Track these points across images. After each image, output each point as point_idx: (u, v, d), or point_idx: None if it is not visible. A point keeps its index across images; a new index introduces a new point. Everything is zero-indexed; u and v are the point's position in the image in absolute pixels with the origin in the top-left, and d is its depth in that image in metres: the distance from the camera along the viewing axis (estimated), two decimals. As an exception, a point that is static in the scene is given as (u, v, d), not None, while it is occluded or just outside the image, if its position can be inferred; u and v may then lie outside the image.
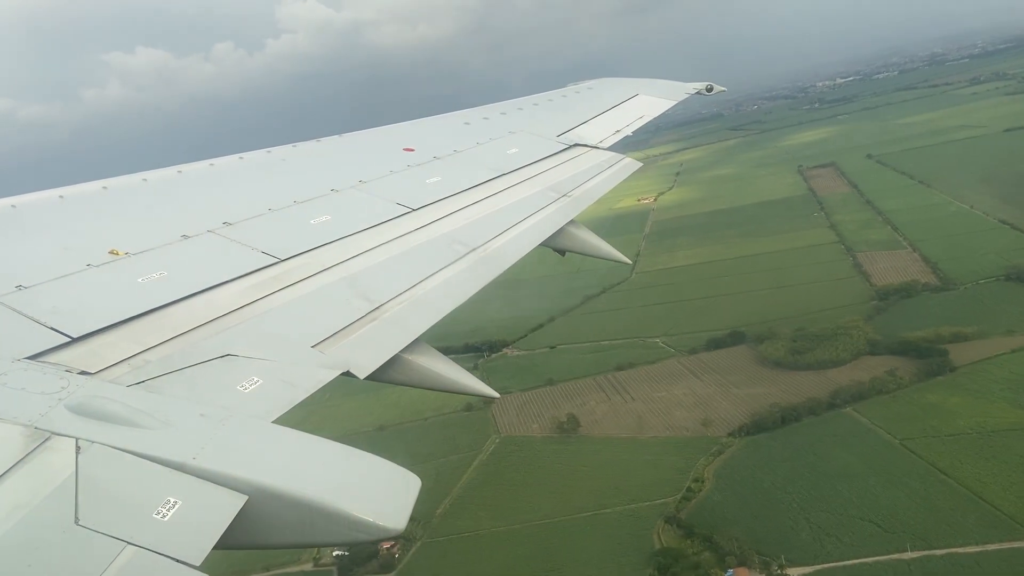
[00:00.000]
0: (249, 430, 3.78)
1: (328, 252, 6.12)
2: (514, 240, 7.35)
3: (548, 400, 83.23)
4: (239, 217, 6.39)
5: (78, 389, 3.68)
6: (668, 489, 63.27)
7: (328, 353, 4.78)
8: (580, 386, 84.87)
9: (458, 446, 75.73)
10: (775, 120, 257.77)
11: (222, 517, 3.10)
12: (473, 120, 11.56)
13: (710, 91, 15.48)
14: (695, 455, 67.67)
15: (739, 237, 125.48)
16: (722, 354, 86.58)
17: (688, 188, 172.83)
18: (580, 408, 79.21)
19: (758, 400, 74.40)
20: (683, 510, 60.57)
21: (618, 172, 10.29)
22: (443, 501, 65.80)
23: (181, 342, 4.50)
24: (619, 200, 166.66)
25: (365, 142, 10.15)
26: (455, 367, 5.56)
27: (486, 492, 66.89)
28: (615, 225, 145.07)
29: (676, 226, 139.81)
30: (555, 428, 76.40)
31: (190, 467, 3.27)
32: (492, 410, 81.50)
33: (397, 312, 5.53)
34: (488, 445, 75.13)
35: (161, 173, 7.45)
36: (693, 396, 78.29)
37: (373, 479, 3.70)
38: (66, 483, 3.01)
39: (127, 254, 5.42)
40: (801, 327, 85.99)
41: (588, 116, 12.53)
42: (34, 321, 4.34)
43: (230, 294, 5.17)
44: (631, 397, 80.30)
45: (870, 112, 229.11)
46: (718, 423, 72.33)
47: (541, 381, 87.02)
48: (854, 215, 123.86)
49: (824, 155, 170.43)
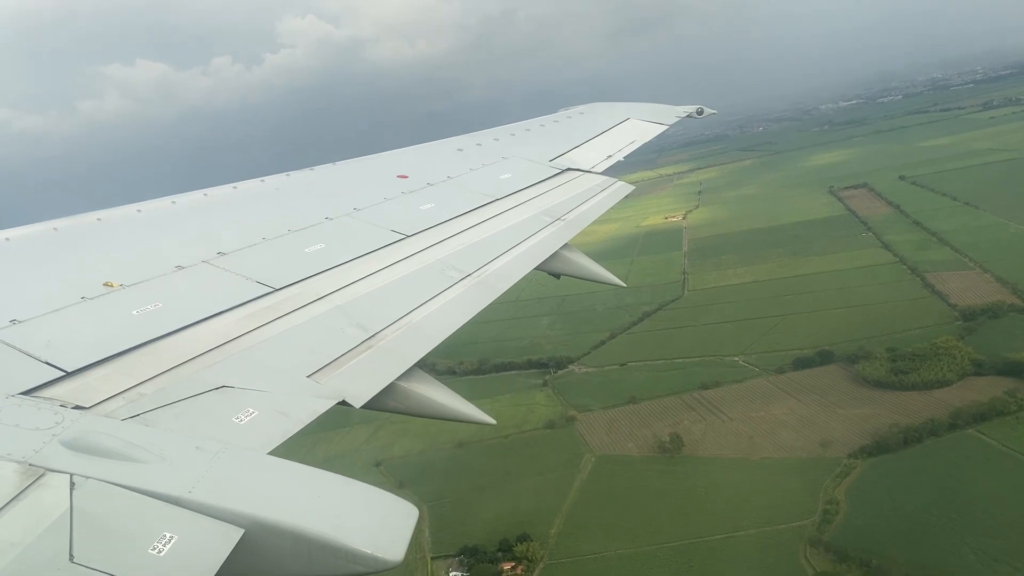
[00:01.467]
0: (245, 462, 3.76)
1: (322, 281, 6.13)
2: (508, 265, 7.37)
3: (636, 419, 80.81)
4: (233, 247, 6.40)
5: (72, 424, 3.66)
6: (800, 511, 60.61)
7: (323, 383, 4.77)
8: (666, 405, 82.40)
9: (550, 464, 73.37)
10: (786, 142, 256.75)
11: (219, 551, 3.08)
12: (466, 146, 11.64)
13: (700, 114, 15.61)
14: (817, 476, 64.93)
15: (786, 256, 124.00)
16: (813, 374, 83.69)
17: (715, 207, 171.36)
18: (674, 427, 76.71)
19: (869, 421, 71.85)
20: (826, 532, 57.87)
21: (611, 196, 10.35)
22: (554, 521, 63.75)
23: (176, 374, 4.49)
24: (646, 218, 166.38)
25: (359, 170, 10.20)
26: (451, 394, 5.54)
27: (599, 513, 64.36)
28: (649, 243, 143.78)
29: (715, 244, 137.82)
30: (655, 448, 73.95)
31: (186, 501, 3.25)
32: (577, 428, 79.82)
33: (392, 340, 5.52)
34: (584, 464, 72.78)
35: (155, 204, 7.47)
36: (796, 416, 75.71)
37: (370, 510, 3.68)
38: (61, 520, 2.99)
39: (121, 286, 5.42)
40: (892, 347, 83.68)
41: (580, 141, 12.62)
42: (28, 355, 4.33)
43: (225, 325, 5.17)
44: (727, 417, 77.73)
45: (885, 135, 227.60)
46: (835, 444, 69.55)
47: (622, 399, 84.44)
48: (906, 236, 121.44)
49: (850, 176, 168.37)
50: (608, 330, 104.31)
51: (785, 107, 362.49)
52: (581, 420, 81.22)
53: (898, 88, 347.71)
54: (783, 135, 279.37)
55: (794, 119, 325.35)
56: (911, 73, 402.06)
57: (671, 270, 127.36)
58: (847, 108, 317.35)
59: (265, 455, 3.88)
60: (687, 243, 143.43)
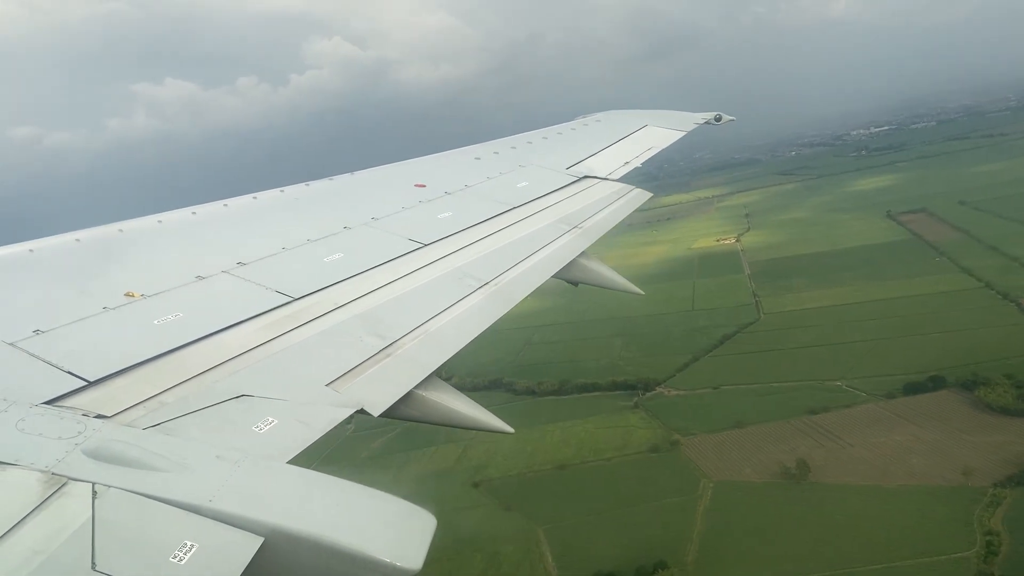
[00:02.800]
0: (265, 471, 3.79)
1: (341, 290, 6.16)
2: (526, 273, 7.36)
3: (746, 444, 78.14)
4: (253, 257, 6.45)
5: (95, 433, 3.70)
6: (957, 542, 58.11)
7: (342, 391, 4.79)
8: (775, 430, 79.57)
9: (665, 489, 71.06)
10: (824, 166, 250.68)
11: (239, 560, 3.09)
12: (483, 155, 11.65)
13: (718, 120, 15.53)
14: (965, 506, 62.34)
15: (860, 280, 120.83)
16: (928, 399, 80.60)
17: (767, 231, 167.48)
18: (791, 453, 73.92)
19: (1006, 448, 69.00)
20: (993, 565, 55.52)
21: (628, 203, 10.32)
22: (686, 548, 61.71)
23: (197, 383, 4.52)
24: (695, 240, 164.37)
25: (377, 179, 10.24)
26: (470, 403, 5.54)
27: (734, 540, 62.02)
28: (707, 265, 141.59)
29: (779, 268, 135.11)
30: (777, 474, 71.02)
31: (206, 509, 3.28)
32: (684, 452, 77.50)
33: (410, 348, 5.54)
34: (703, 490, 70.53)
35: (176, 215, 7.54)
36: (923, 443, 72.67)
37: (389, 519, 3.68)
38: (83, 528, 3.02)
39: (143, 296, 5.48)
40: (1009, 373, 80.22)
41: (597, 148, 12.60)
42: (51, 365, 4.38)
43: (245, 334, 5.20)
44: (846, 443, 74.98)
45: (930, 160, 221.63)
46: (977, 472, 66.39)
47: (726, 424, 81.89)
48: (984, 261, 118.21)
49: (903, 201, 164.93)
50: (689, 352, 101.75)
51: (813, 133, 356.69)
52: (686, 444, 79.01)
53: (929, 115, 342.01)
54: (818, 160, 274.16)
55: (825, 144, 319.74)
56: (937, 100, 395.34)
57: (739, 293, 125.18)
58: (879, 134, 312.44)
59: (285, 464, 3.90)
60: (748, 266, 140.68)
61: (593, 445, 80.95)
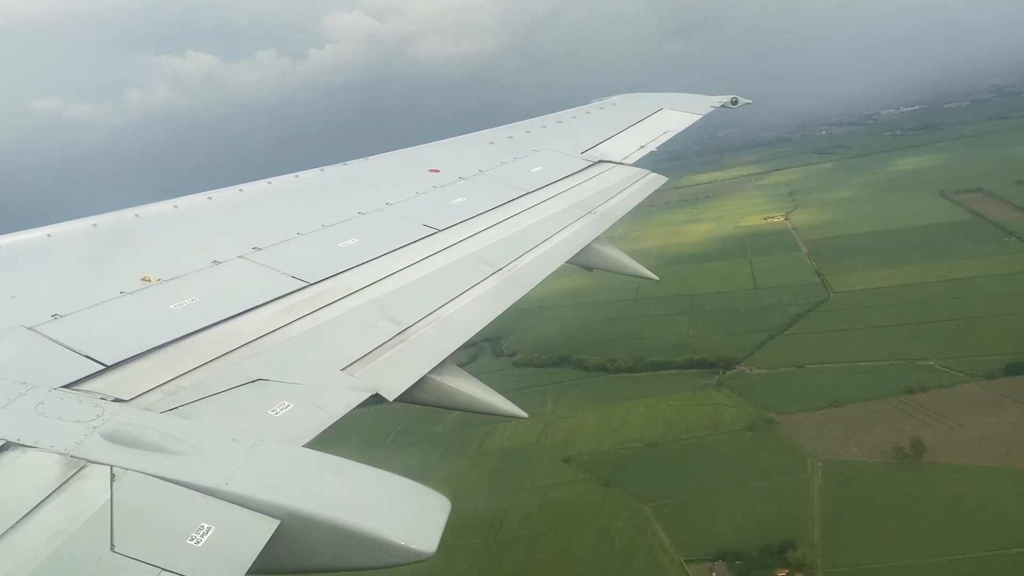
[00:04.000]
0: (280, 455, 3.82)
1: (356, 275, 6.18)
2: (540, 259, 7.36)
3: (848, 423, 75.71)
4: (269, 242, 6.48)
5: (112, 416, 3.73)
6: None
7: (357, 376, 4.81)
8: (875, 409, 76.87)
9: (770, 468, 68.74)
10: (860, 146, 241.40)
11: (255, 542, 3.13)
12: (498, 139, 11.62)
13: (735, 104, 15.41)
14: None
15: (927, 260, 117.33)
16: None
17: (815, 209, 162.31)
18: (897, 432, 71.27)
19: None
20: None
21: (643, 188, 10.27)
22: (809, 527, 59.85)
23: (213, 368, 4.56)
24: (741, 218, 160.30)
25: (391, 164, 10.24)
26: (484, 387, 5.56)
27: (857, 520, 59.75)
28: (759, 244, 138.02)
29: (837, 247, 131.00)
30: (889, 454, 68.60)
31: (223, 492, 3.31)
32: (782, 430, 75.28)
33: (424, 333, 5.55)
34: (812, 469, 68.45)
35: (192, 200, 7.58)
36: None
37: (403, 502, 3.71)
38: (101, 510, 3.06)
39: (159, 281, 5.52)
40: None
41: (612, 132, 12.53)
42: (69, 349, 4.43)
43: (260, 319, 5.23)
44: (955, 423, 72.44)
45: (972, 140, 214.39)
46: None
47: (821, 402, 79.34)
48: None
49: (954, 181, 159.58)
50: (762, 331, 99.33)
51: (840, 112, 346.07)
52: (783, 423, 76.76)
53: (959, 95, 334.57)
54: (852, 139, 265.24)
55: (856, 124, 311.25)
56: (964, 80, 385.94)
57: (800, 271, 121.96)
58: (909, 114, 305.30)
59: (300, 447, 3.93)
60: (803, 244, 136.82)
61: (682, 423, 79.05)
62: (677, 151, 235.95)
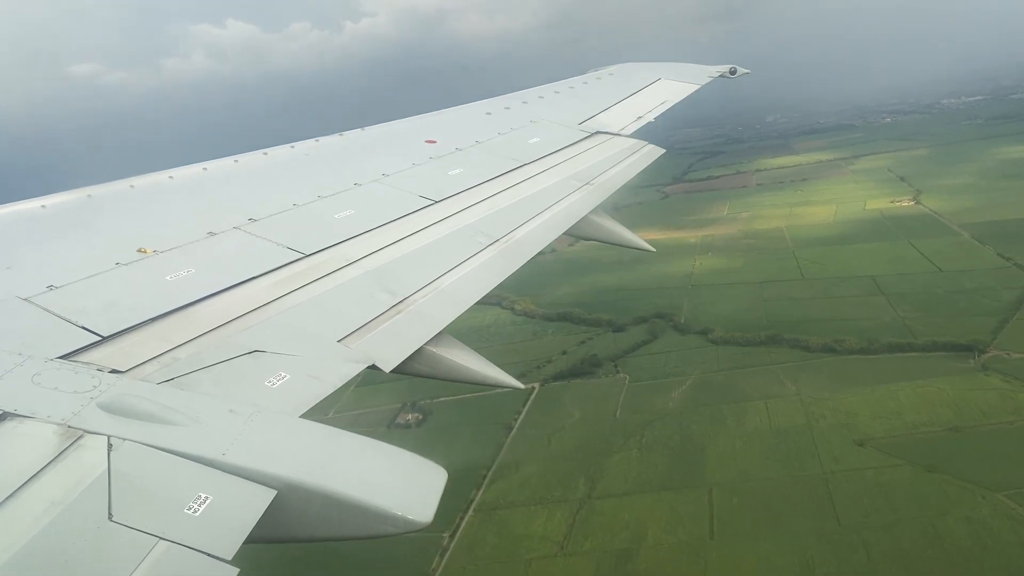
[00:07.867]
0: (277, 425, 3.83)
1: (352, 246, 6.16)
2: (537, 230, 7.34)
3: None
4: (264, 213, 6.45)
5: (109, 387, 3.74)
6: None
7: (354, 347, 4.82)
8: None
9: None
10: (946, 134, 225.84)
11: (252, 511, 3.15)
12: (495, 110, 11.54)
13: (733, 73, 15.31)
14: None
15: None
16: None
17: (944, 195, 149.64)
18: None
19: None
20: None
21: (640, 159, 10.23)
22: None
23: (209, 339, 4.56)
24: (862, 201, 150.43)
25: (387, 135, 10.18)
26: (480, 359, 5.57)
27: None
28: (906, 227, 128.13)
29: (998, 231, 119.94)
30: None
31: (220, 463, 3.32)
32: None
33: (421, 305, 5.56)
34: None
35: (187, 170, 7.53)
36: None
37: (400, 472, 3.73)
38: (99, 480, 3.07)
39: (155, 252, 5.50)
40: None
41: (610, 103, 12.45)
42: (65, 320, 4.42)
43: (256, 290, 5.22)
44: None
45: None
46: None
47: None
48: None
49: None
50: (986, 314, 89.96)
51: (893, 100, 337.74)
52: None
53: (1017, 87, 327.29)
54: (922, 127, 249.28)
55: (917, 112, 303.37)
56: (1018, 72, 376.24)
57: (978, 255, 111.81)
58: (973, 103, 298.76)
59: (297, 418, 3.95)
60: (961, 229, 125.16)
61: (973, 408, 71.39)
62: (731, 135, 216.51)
